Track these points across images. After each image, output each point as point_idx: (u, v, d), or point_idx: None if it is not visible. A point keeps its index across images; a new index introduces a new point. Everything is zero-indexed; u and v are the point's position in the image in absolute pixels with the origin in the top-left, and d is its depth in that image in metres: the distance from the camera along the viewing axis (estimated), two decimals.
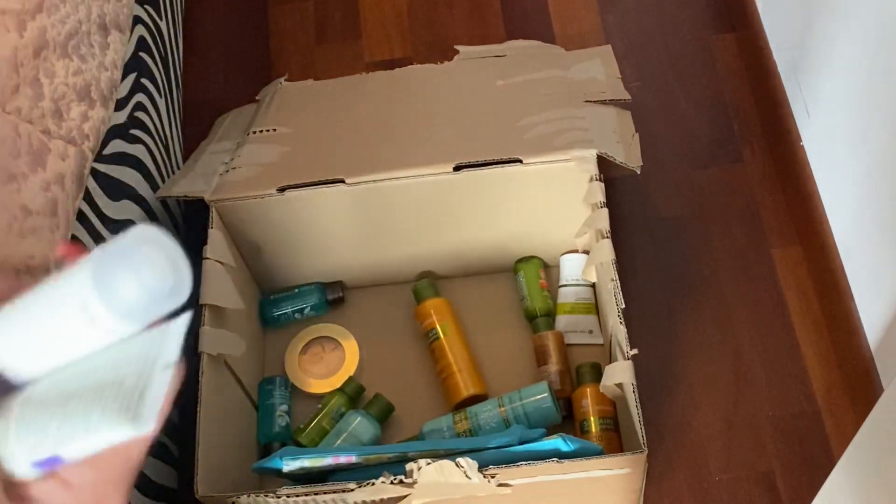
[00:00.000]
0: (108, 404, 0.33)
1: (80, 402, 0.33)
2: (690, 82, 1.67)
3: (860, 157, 1.30)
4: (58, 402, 0.33)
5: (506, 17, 1.79)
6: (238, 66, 1.79)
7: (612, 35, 1.74)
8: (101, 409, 0.33)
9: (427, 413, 1.35)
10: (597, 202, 1.28)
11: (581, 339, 1.39)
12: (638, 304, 1.43)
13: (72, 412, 0.33)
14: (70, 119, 1.11)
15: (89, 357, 0.35)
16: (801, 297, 1.45)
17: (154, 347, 0.34)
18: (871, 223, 1.28)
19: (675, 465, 1.34)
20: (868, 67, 1.24)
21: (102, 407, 0.33)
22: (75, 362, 0.34)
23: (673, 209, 1.55)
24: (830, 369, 1.38)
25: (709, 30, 1.73)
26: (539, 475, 1.08)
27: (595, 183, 1.29)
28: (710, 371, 1.40)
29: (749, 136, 1.61)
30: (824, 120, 1.42)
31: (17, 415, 0.33)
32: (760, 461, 1.33)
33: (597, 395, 1.27)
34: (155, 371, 0.33)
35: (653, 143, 1.58)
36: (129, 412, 0.33)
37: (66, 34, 1.14)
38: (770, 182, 1.55)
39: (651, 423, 1.29)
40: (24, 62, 1.06)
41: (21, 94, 1.05)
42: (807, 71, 1.47)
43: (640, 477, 1.14)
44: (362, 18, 1.82)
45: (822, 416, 1.35)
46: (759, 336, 1.43)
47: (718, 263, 1.49)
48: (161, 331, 0.35)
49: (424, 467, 1.06)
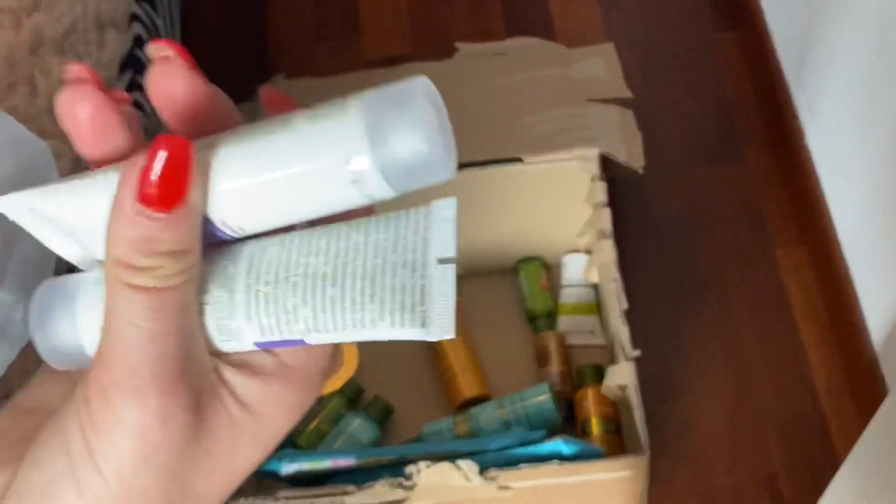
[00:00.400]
0: (386, 299, 0.28)
1: (341, 288, 0.28)
2: (693, 81, 1.66)
3: (864, 155, 1.29)
4: (308, 282, 0.28)
5: (507, 14, 1.78)
6: (236, 63, 1.78)
7: (613, 33, 1.72)
8: (377, 304, 0.28)
9: (427, 415, 1.34)
10: (599, 202, 1.27)
11: (583, 339, 1.38)
12: (640, 304, 1.42)
13: (332, 300, 0.28)
14: None
15: (335, 229, 0.29)
16: (805, 297, 1.44)
17: (420, 233, 0.29)
18: (876, 222, 1.27)
19: (678, 468, 1.33)
20: (872, 65, 1.23)
21: (379, 302, 0.28)
22: (317, 232, 0.29)
23: (675, 209, 1.54)
24: (835, 370, 1.37)
25: (712, 28, 1.72)
26: (540, 478, 1.07)
27: (597, 182, 1.28)
28: (713, 372, 1.39)
29: (752, 135, 1.60)
30: (828, 118, 1.42)
31: (248, 287, 0.28)
32: (764, 463, 1.32)
33: (598, 396, 1.26)
34: (429, 263, 0.28)
35: (655, 142, 1.57)
36: (415, 312, 0.28)
37: (62, 32, 1.13)
38: (773, 181, 1.54)
39: (653, 425, 1.28)
40: (20, 60, 1.05)
41: (17, 92, 1.04)
42: (810, 69, 1.46)
43: (642, 479, 1.13)
44: (361, 15, 1.81)
45: (826, 418, 1.34)
46: (762, 337, 1.42)
47: (721, 263, 1.48)
48: (424, 214, 0.29)
49: (424, 470, 1.05)
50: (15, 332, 0.36)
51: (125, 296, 0.26)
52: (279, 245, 0.29)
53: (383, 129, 0.27)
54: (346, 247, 0.28)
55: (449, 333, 0.28)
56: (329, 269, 0.28)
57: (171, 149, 0.26)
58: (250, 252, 0.29)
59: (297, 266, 0.28)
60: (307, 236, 0.29)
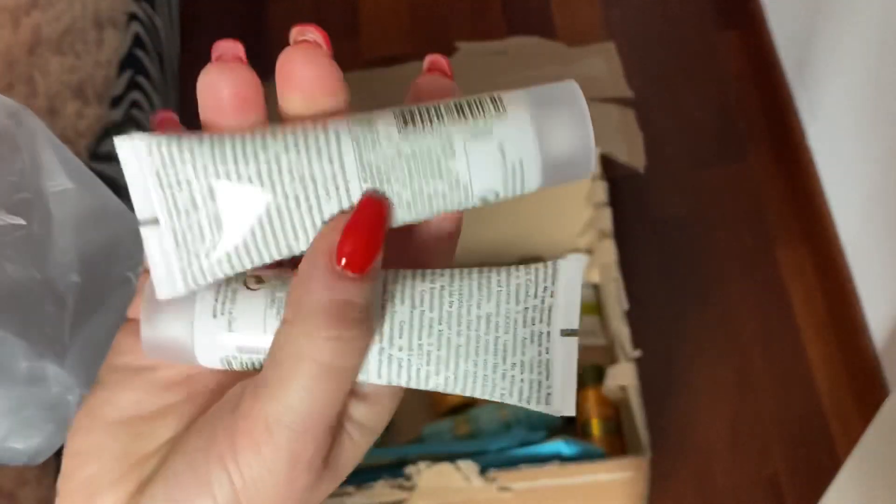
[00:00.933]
0: (516, 377, 0.29)
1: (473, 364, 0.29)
2: (694, 80, 1.66)
3: (867, 155, 1.28)
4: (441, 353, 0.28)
5: (507, 13, 1.78)
6: None
7: (614, 32, 1.72)
8: (507, 381, 0.29)
9: (427, 415, 1.34)
10: (599, 201, 1.26)
11: (583, 340, 1.38)
12: (641, 305, 1.42)
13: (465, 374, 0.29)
14: (65, 117, 1.10)
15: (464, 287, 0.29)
16: (807, 298, 1.43)
17: (547, 300, 0.29)
18: (878, 223, 1.27)
19: (679, 469, 1.33)
20: (874, 64, 1.23)
21: (510, 380, 0.29)
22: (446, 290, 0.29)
23: (676, 209, 1.53)
24: (836, 370, 1.37)
25: (713, 27, 1.72)
26: (540, 478, 1.07)
27: (597, 182, 1.27)
28: (714, 373, 1.39)
29: (754, 135, 1.59)
30: (830, 118, 1.41)
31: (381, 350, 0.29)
32: (765, 464, 1.32)
33: (599, 397, 1.26)
34: (554, 336, 0.29)
35: (656, 142, 1.57)
36: (542, 390, 0.29)
37: (60, 31, 1.13)
38: (775, 181, 1.54)
39: (654, 426, 1.28)
40: (19, 59, 1.05)
41: (15, 91, 1.03)
42: (812, 68, 1.45)
43: (643, 481, 1.13)
44: (361, 14, 1.81)
45: (827, 418, 1.34)
46: (763, 338, 1.41)
47: (723, 264, 1.48)
48: (552, 274, 0.29)
49: (424, 470, 1.05)
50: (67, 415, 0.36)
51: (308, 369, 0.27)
52: (410, 303, 0.29)
53: (549, 112, 0.28)
54: (477, 318, 0.29)
55: (570, 411, 0.30)
56: (462, 341, 0.29)
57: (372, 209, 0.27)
58: (381, 303, 0.29)
59: (430, 334, 0.29)
60: (437, 295, 0.29)
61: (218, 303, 0.29)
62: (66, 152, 0.35)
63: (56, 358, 0.34)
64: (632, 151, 1.40)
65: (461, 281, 0.29)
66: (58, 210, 0.33)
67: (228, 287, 0.30)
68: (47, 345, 0.33)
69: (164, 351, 0.30)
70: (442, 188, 0.29)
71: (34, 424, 0.35)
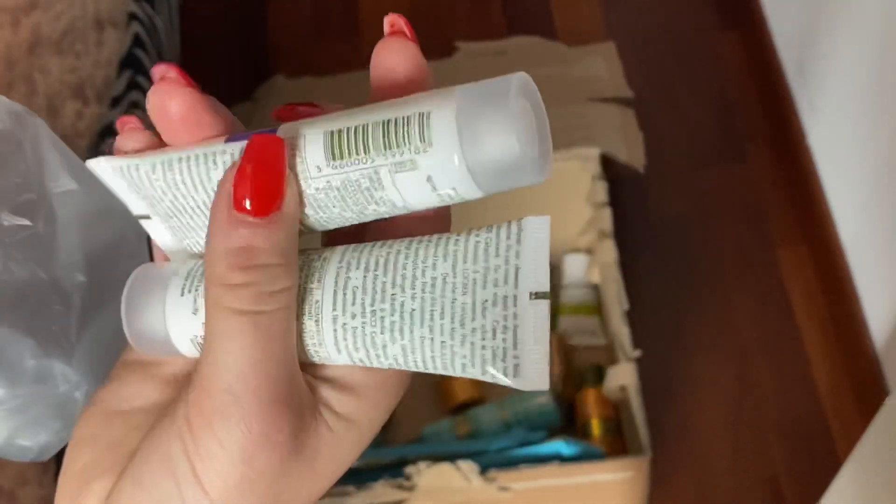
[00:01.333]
0: (476, 344, 0.26)
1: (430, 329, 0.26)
2: (694, 80, 1.66)
3: (867, 155, 1.28)
4: (395, 319, 0.27)
5: (507, 13, 1.78)
6: (236, 63, 1.78)
7: (614, 32, 1.72)
8: (468, 349, 0.26)
9: (427, 416, 1.34)
10: (599, 201, 1.26)
11: (583, 340, 1.38)
12: (641, 305, 1.42)
13: (421, 340, 0.27)
14: (64, 117, 1.10)
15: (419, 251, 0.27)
16: (807, 297, 1.43)
17: (511, 260, 0.26)
18: (878, 222, 1.27)
19: (679, 469, 1.33)
20: (873, 64, 1.23)
21: (470, 347, 0.26)
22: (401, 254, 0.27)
23: (676, 209, 1.53)
24: (836, 370, 1.37)
25: (713, 27, 1.72)
26: (540, 479, 1.07)
27: (598, 182, 1.27)
28: (714, 373, 1.39)
29: (754, 135, 1.59)
30: (830, 118, 1.41)
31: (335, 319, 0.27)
32: (765, 464, 1.32)
33: (599, 397, 1.26)
34: (521, 299, 0.26)
35: (656, 142, 1.57)
36: (507, 360, 0.26)
37: (60, 31, 1.13)
38: (775, 181, 1.54)
39: (654, 426, 1.28)
40: (19, 59, 1.05)
41: (15, 91, 1.03)
42: (812, 68, 1.45)
43: (643, 481, 1.13)
44: (361, 14, 1.81)
45: (827, 419, 1.34)
46: (763, 337, 1.41)
47: (723, 263, 1.48)
48: (515, 234, 0.27)
49: (424, 470, 1.05)
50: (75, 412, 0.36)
51: (225, 321, 0.26)
52: (363, 269, 0.27)
53: (475, 125, 0.26)
54: (432, 279, 0.27)
55: (542, 385, 0.26)
56: (417, 306, 0.27)
57: (263, 148, 0.26)
58: (335, 274, 0.28)
59: (383, 299, 0.27)
60: (392, 259, 0.27)
61: (186, 281, 0.29)
62: (69, 153, 0.36)
63: (63, 356, 0.34)
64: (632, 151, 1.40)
65: (418, 244, 0.27)
66: (62, 211, 0.33)
67: (197, 266, 0.29)
68: (55, 343, 0.34)
69: (148, 341, 0.29)
70: (381, 209, 0.28)
71: (41, 422, 0.35)
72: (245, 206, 0.26)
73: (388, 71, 0.28)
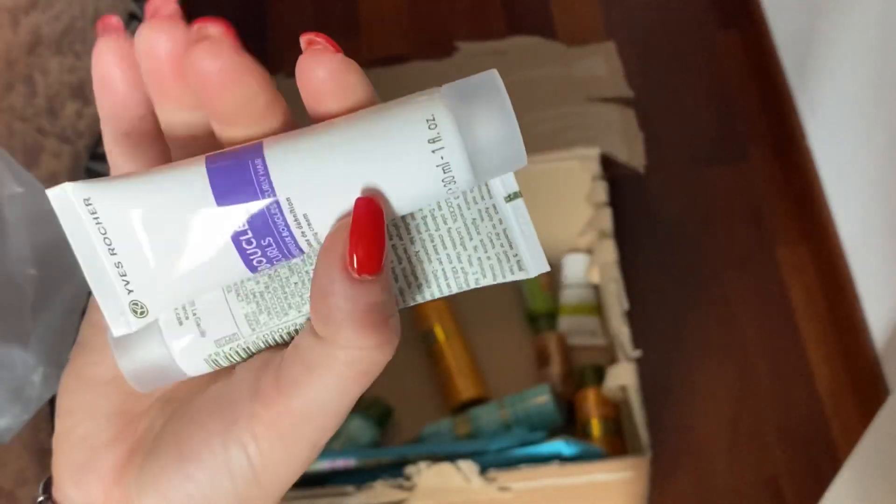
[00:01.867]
0: (482, 257, 0.29)
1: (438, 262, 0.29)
2: (694, 80, 1.66)
3: (867, 154, 1.28)
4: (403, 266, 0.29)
5: (507, 13, 1.78)
6: None
7: (614, 31, 1.72)
8: (476, 265, 0.29)
9: (427, 415, 1.34)
10: (599, 201, 1.26)
11: (583, 340, 1.38)
12: (641, 305, 1.42)
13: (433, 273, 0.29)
14: (64, 117, 1.10)
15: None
16: (807, 297, 1.43)
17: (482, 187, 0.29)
18: (879, 222, 1.27)
19: (679, 469, 1.33)
20: (874, 63, 1.22)
21: (478, 262, 0.29)
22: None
23: (677, 208, 1.53)
24: (836, 371, 1.37)
25: (713, 26, 1.72)
26: (540, 478, 1.07)
27: (598, 182, 1.27)
28: (714, 373, 1.39)
29: (754, 135, 1.59)
30: (830, 117, 1.41)
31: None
32: (765, 464, 1.32)
33: (599, 397, 1.26)
34: (500, 206, 0.29)
35: (656, 142, 1.56)
36: (511, 259, 0.29)
37: (60, 31, 1.13)
38: (775, 181, 1.54)
39: (654, 426, 1.28)
40: (18, 59, 1.05)
41: (14, 91, 1.03)
42: (812, 67, 1.45)
43: (643, 481, 1.13)
44: (361, 14, 1.81)
45: (827, 418, 1.34)
46: (764, 337, 1.41)
47: (723, 263, 1.48)
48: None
49: (424, 470, 1.05)
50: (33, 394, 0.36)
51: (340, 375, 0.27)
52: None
53: (470, 114, 0.27)
54: (422, 219, 0.29)
55: (544, 267, 0.30)
56: (418, 247, 0.29)
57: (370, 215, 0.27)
58: None
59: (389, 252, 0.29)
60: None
61: (179, 309, 0.29)
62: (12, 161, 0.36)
63: (20, 343, 0.35)
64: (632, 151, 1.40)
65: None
66: (11, 213, 0.34)
67: None
68: (12, 332, 0.34)
69: (151, 377, 0.29)
70: None
71: (2, 406, 0.36)
72: (358, 266, 0.27)
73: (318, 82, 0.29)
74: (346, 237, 0.27)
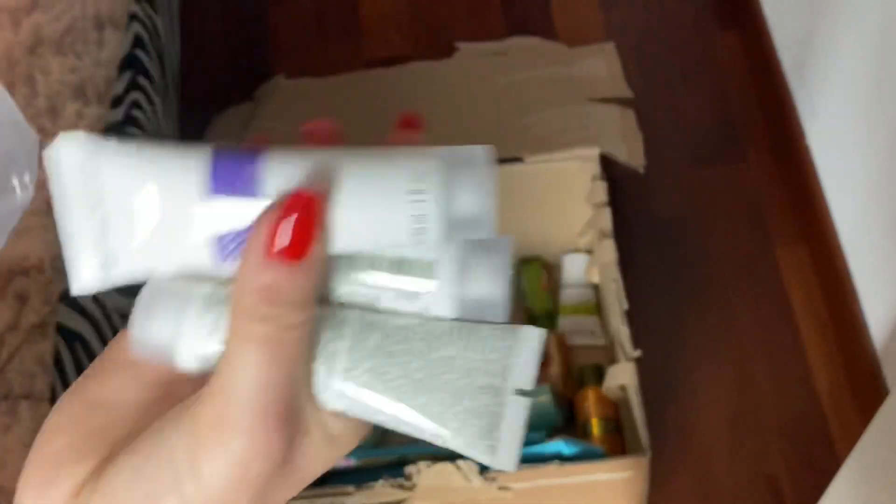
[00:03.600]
0: (467, 421, 0.31)
1: (429, 397, 0.31)
2: (694, 80, 1.66)
3: (866, 155, 1.28)
4: (401, 383, 0.31)
5: (507, 13, 1.78)
6: (236, 63, 1.78)
7: (614, 32, 1.72)
8: (458, 422, 0.31)
9: None
10: (599, 201, 1.26)
11: (583, 340, 1.38)
12: (641, 304, 1.42)
13: (419, 407, 0.31)
14: (65, 117, 1.10)
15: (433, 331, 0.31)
16: (806, 297, 1.43)
17: (505, 358, 0.31)
18: (878, 222, 1.27)
19: (679, 469, 1.33)
20: (873, 64, 1.23)
21: (460, 421, 0.31)
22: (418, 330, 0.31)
23: (676, 208, 1.53)
24: (836, 370, 1.37)
25: (712, 27, 1.72)
26: (540, 478, 1.07)
27: (597, 182, 1.28)
28: (714, 373, 1.39)
29: (753, 135, 1.59)
30: (829, 117, 1.41)
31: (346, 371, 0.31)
32: (765, 464, 1.32)
33: (599, 397, 1.26)
34: (507, 393, 0.31)
35: (656, 142, 1.57)
36: (488, 440, 0.31)
37: (61, 31, 1.13)
38: (774, 181, 1.54)
39: (654, 426, 1.28)
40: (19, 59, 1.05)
41: (15, 91, 1.03)
42: (811, 68, 1.46)
43: (643, 480, 1.13)
44: (361, 15, 1.81)
45: (827, 418, 1.34)
46: (763, 337, 1.41)
47: (722, 263, 1.48)
48: (512, 336, 0.31)
49: (424, 470, 1.05)
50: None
51: (247, 345, 0.29)
52: (381, 333, 0.31)
53: (457, 184, 0.30)
54: (439, 358, 0.31)
55: (511, 467, 0.31)
56: (423, 376, 0.31)
57: (303, 206, 0.29)
58: (354, 329, 0.31)
59: (394, 364, 0.31)
60: (410, 329, 0.32)
61: (208, 305, 0.31)
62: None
63: None
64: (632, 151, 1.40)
65: (433, 323, 0.32)
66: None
67: (217, 292, 0.31)
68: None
69: (151, 347, 0.31)
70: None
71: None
72: (278, 253, 0.29)
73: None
74: (275, 219, 0.29)
